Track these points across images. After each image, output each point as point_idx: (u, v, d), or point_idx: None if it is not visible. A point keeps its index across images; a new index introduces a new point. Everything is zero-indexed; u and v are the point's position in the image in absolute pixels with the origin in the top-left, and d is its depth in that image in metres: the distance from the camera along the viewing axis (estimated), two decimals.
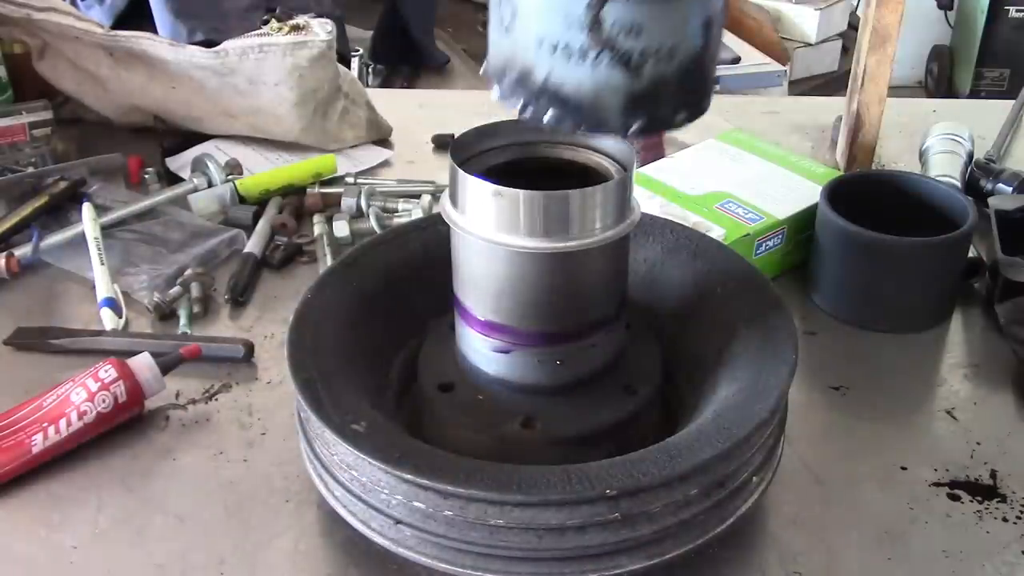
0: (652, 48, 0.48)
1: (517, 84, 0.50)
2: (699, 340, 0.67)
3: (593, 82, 0.48)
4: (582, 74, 0.48)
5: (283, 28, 1.04)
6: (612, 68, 0.48)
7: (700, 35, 0.49)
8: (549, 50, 0.48)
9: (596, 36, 0.47)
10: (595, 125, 0.50)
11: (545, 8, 0.48)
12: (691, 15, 0.48)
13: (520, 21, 0.49)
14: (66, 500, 0.64)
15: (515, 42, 0.50)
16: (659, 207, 0.86)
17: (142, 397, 0.69)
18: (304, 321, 0.63)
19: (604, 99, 0.49)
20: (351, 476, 0.56)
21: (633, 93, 0.49)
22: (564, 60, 0.48)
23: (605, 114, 0.49)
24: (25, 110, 1.06)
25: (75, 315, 0.83)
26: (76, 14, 1.08)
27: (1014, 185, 0.96)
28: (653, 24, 0.47)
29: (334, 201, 0.98)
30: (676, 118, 0.51)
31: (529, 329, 0.59)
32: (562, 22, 0.47)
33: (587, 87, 0.49)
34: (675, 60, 0.49)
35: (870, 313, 0.82)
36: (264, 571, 0.59)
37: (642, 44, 0.47)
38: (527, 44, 0.49)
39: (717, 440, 0.54)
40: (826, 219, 0.82)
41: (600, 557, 0.53)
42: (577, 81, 0.49)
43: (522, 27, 0.49)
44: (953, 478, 0.66)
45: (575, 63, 0.48)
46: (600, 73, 0.48)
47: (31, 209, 0.92)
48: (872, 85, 0.97)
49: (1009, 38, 3.04)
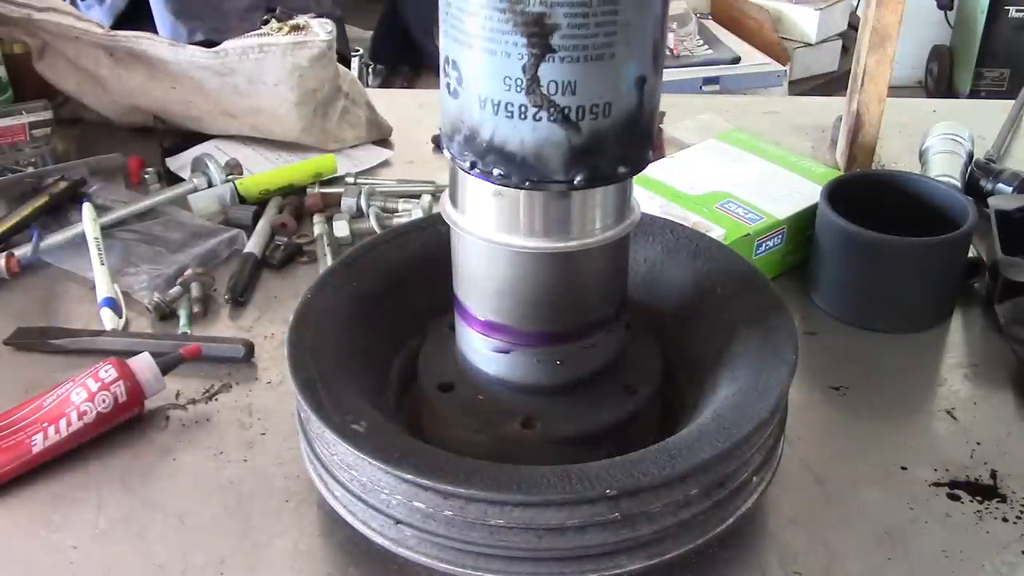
0: (588, 105, 0.50)
1: (466, 144, 0.53)
2: (699, 340, 0.67)
3: (535, 139, 0.51)
4: (524, 131, 0.51)
5: (283, 28, 1.04)
6: (552, 125, 0.50)
7: (635, 91, 0.51)
8: (492, 110, 0.51)
9: (534, 95, 0.50)
10: (540, 179, 0.52)
11: (486, 72, 0.50)
12: (624, 72, 0.50)
13: (465, 84, 0.52)
14: (66, 500, 0.64)
15: (461, 105, 0.52)
16: (659, 207, 0.86)
17: (142, 397, 0.69)
18: (304, 321, 0.63)
19: (547, 154, 0.51)
20: (351, 476, 0.56)
21: (574, 148, 0.51)
22: (507, 119, 0.51)
23: (548, 168, 0.52)
24: (25, 110, 1.06)
25: (75, 315, 0.83)
26: (76, 14, 1.08)
27: (1014, 185, 0.96)
28: (587, 82, 0.50)
29: (334, 201, 0.98)
30: (618, 170, 0.54)
31: (529, 329, 0.59)
32: (502, 84, 0.50)
33: (530, 144, 0.51)
34: (612, 115, 0.51)
35: (870, 313, 0.82)
36: (264, 571, 0.59)
37: (578, 101, 0.50)
38: (472, 105, 0.52)
39: (717, 440, 0.54)
40: (826, 219, 0.82)
41: (600, 557, 0.53)
42: (520, 138, 0.51)
43: (467, 90, 0.52)
44: (953, 478, 0.66)
45: (517, 121, 0.51)
46: (541, 130, 0.51)
47: (31, 209, 0.92)
48: (872, 85, 0.97)
49: (1009, 38, 3.04)
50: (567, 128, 0.50)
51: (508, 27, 0.48)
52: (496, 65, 0.49)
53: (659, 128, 1.13)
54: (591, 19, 0.48)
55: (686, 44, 2.65)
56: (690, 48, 2.66)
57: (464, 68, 0.51)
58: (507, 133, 0.51)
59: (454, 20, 0.51)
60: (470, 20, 0.49)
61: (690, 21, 2.72)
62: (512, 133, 0.51)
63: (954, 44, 3.29)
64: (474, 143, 0.53)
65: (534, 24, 0.48)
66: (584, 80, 0.49)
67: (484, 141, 0.52)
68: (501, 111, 0.50)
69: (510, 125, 0.51)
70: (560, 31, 0.48)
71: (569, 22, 0.48)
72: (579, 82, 0.49)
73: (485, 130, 0.52)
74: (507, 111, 0.50)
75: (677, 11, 2.70)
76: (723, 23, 2.87)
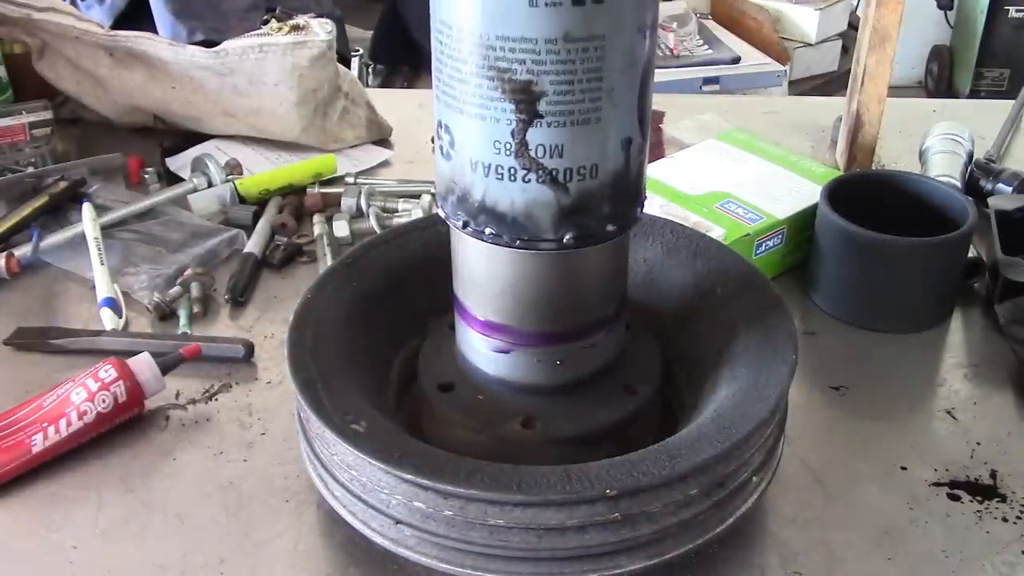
0: (575, 167, 0.52)
1: (459, 204, 0.55)
2: (699, 340, 0.67)
3: (524, 200, 0.53)
4: (514, 193, 0.53)
5: (283, 28, 1.04)
6: (541, 186, 0.52)
7: (621, 152, 0.53)
8: (483, 172, 0.53)
9: (523, 159, 0.51)
10: (530, 238, 0.54)
11: (477, 136, 0.52)
12: (610, 135, 0.52)
13: (457, 148, 0.53)
14: (66, 500, 0.64)
15: (454, 166, 0.54)
16: (659, 207, 0.86)
17: (142, 397, 0.69)
18: (304, 321, 0.63)
19: (537, 215, 0.53)
20: (351, 476, 0.56)
21: (563, 208, 0.53)
22: (497, 181, 0.52)
23: (538, 227, 0.53)
24: (25, 110, 1.06)
25: (75, 315, 0.83)
26: (76, 14, 1.08)
27: (1014, 185, 0.96)
28: (574, 145, 0.51)
29: (334, 201, 0.98)
30: (607, 228, 0.55)
31: (529, 329, 0.59)
32: (492, 147, 0.51)
33: (520, 204, 0.53)
34: (599, 176, 0.53)
35: (870, 313, 0.82)
36: (264, 571, 0.59)
37: (566, 164, 0.52)
38: (464, 167, 0.53)
39: (717, 440, 0.54)
40: (826, 219, 0.82)
41: (600, 557, 0.53)
42: (510, 199, 0.53)
43: (459, 153, 0.53)
44: (953, 478, 0.66)
45: (507, 183, 0.52)
46: (530, 191, 0.52)
47: (31, 209, 0.92)
48: (872, 85, 0.97)
49: (1009, 38, 3.04)
50: (556, 189, 0.52)
51: (497, 94, 0.50)
52: (486, 130, 0.51)
53: (659, 128, 1.13)
54: (576, 86, 0.50)
55: (686, 44, 2.65)
56: (690, 48, 2.66)
57: (456, 132, 0.53)
58: (498, 194, 0.53)
59: (446, 87, 0.52)
60: (461, 87, 0.51)
61: (690, 21, 2.72)
62: (503, 194, 0.53)
63: (954, 44, 3.29)
64: (467, 203, 0.54)
65: (521, 92, 0.50)
66: (571, 143, 0.51)
67: (476, 202, 0.54)
68: (492, 173, 0.52)
69: (500, 187, 0.53)
70: (547, 98, 0.50)
71: (555, 89, 0.50)
72: (566, 145, 0.51)
73: (477, 191, 0.53)
74: (497, 173, 0.52)
75: (677, 11, 2.71)
76: (723, 23, 2.87)
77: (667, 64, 2.56)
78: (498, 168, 0.52)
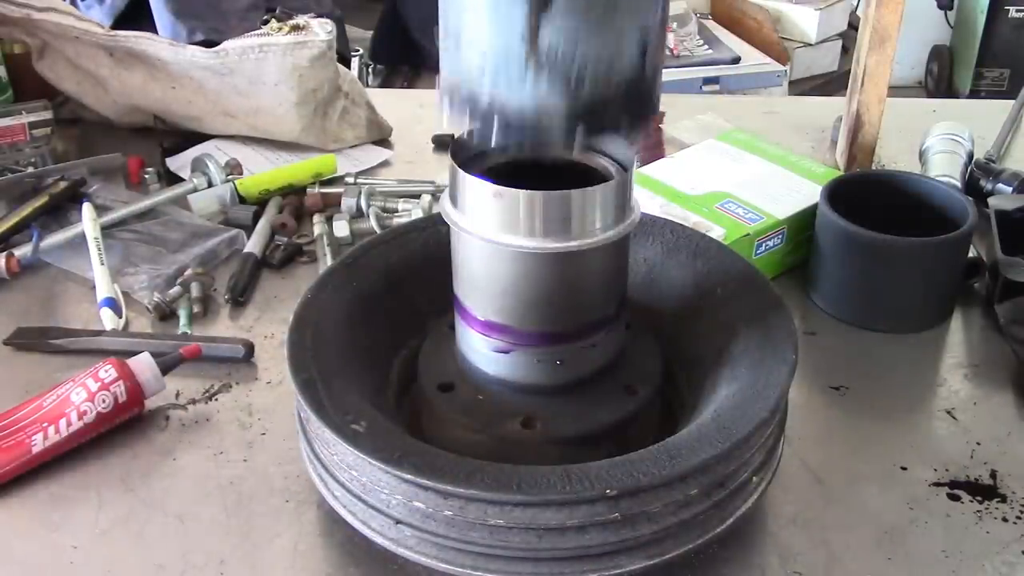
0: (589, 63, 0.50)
1: (465, 105, 0.53)
2: (699, 340, 0.67)
3: (534, 100, 0.51)
4: (524, 93, 0.51)
5: (283, 28, 1.04)
6: (552, 86, 0.51)
7: (636, 48, 0.51)
8: (492, 71, 0.51)
9: (534, 56, 0.50)
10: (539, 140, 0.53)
11: (487, 33, 0.50)
12: (626, 29, 0.50)
13: (464, 48, 0.52)
14: (66, 500, 0.64)
15: (461, 67, 0.52)
16: (659, 207, 0.86)
17: (142, 397, 0.69)
18: (304, 321, 0.63)
19: (546, 116, 0.51)
20: (351, 476, 0.56)
21: (574, 108, 0.51)
22: (506, 80, 0.51)
23: (548, 129, 0.52)
24: (25, 110, 1.06)
25: (75, 315, 0.83)
26: (76, 14, 1.08)
27: (1014, 185, 0.96)
28: (588, 41, 0.49)
29: (334, 201, 0.98)
30: (619, 129, 0.54)
31: (529, 329, 0.59)
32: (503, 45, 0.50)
33: (529, 105, 0.51)
34: (614, 74, 0.51)
35: (870, 313, 0.82)
36: (264, 571, 0.59)
37: (579, 61, 0.50)
38: (471, 68, 0.52)
39: (717, 440, 0.54)
40: (826, 219, 0.82)
41: (600, 557, 0.53)
42: (519, 100, 0.51)
43: (466, 53, 0.52)
44: (953, 478, 0.66)
45: (517, 83, 0.51)
46: (541, 91, 0.51)
47: (31, 209, 0.92)
48: (872, 85, 0.97)
49: (1009, 38, 3.04)
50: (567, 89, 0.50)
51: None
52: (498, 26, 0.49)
53: (659, 128, 1.13)
54: None
55: (686, 44, 2.65)
56: (690, 48, 2.66)
57: (463, 29, 0.51)
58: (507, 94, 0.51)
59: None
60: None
61: (690, 21, 2.72)
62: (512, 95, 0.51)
63: (954, 44, 3.29)
64: (474, 104, 0.52)
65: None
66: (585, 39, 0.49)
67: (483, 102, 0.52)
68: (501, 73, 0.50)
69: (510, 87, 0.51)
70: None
71: None
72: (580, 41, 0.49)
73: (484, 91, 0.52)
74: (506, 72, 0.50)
75: (677, 11, 2.70)
76: (723, 23, 2.87)
77: (667, 64, 2.55)
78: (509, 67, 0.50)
